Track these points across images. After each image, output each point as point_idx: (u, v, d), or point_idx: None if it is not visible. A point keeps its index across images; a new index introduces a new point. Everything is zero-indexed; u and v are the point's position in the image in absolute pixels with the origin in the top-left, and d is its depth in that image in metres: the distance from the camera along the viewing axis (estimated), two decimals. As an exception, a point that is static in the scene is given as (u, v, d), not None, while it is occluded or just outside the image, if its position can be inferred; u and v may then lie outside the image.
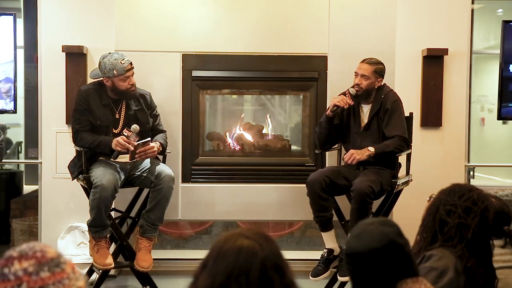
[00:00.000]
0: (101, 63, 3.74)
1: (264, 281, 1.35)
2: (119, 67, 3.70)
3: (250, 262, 1.36)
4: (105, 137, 3.72)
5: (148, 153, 3.71)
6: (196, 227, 5.07)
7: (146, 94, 3.93)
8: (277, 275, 1.37)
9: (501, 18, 5.97)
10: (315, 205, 3.71)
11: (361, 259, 1.70)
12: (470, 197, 2.13)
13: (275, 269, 1.37)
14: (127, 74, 3.73)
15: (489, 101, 6.72)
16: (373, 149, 3.70)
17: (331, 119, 3.85)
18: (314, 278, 3.75)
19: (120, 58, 3.73)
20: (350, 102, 3.77)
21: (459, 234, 2.09)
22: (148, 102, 3.92)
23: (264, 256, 1.37)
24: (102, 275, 3.80)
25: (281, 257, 1.41)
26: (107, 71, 3.71)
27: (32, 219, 4.89)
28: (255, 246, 1.38)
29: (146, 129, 3.86)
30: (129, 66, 3.74)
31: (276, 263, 1.38)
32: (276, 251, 1.41)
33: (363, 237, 1.71)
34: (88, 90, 3.80)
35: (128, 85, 3.74)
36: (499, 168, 6.45)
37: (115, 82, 3.73)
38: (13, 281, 1.21)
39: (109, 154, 3.72)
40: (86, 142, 3.71)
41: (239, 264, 1.35)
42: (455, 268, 2.02)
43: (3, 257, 1.26)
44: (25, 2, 5.80)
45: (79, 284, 1.26)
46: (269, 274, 1.35)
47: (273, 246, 1.41)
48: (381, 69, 3.84)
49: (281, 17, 4.29)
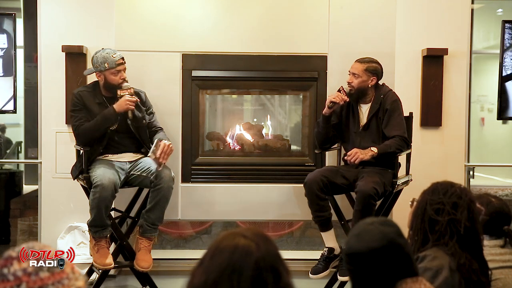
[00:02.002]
0: (93, 57, 3.80)
1: (257, 282, 1.34)
2: (111, 60, 3.74)
3: (244, 261, 1.35)
4: (104, 111, 3.72)
5: (167, 151, 3.72)
6: (196, 227, 5.07)
7: (141, 92, 3.96)
8: (272, 277, 1.35)
9: (501, 18, 5.97)
10: (313, 205, 3.72)
11: (360, 259, 1.70)
12: (453, 192, 2.14)
13: (270, 270, 1.36)
14: (118, 68, 3.76)
15: (489, 101, 6.72)
16: (376, 150, 3.70)
17: (328, 118, 3.86)
18: (314, 276, 3.75)
19: (112, 52, 3.79)
20: (346, 98, 3.81)
21: (450, 230, 2.09)
22: (143, 100, 3.94)
23: (259, 257, 1.36)
24: (102, 275, 3.81)
25: (278, 259, 1.40)
26: (99, 64, 3.75)
27: (32, 219, 4.89)
28: (251, 246, 1.37)
29: (142, 125, 3.88)
30: (120, 61, 3.78)
31: (272, 265, 1.37)
32: (274, 253, 1.40)
33: (363, 236, 1.71)
34: (81, 92, 3.85)
35: (119, 79, 3.77)
36: (499, 168, 6.44)
37: (107, 76, 3.77)
38: (12, 282, 1.21)
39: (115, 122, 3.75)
40: (89, 128, 3.71)
41: (233, 262, 1.35)
42: (449, 266, 2.03)
43: (3, 257, 1.26)
44: (25, 2, 5.79)
45: (78, 284, 1.26)
46: (263, 275, 1.34)
47: (270, 247, 1.40)
48: (374, 67, 3.84)
49: (281, 17, 4.29)
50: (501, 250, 2.46)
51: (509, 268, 2.41)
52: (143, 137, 3.89)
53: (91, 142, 3.76)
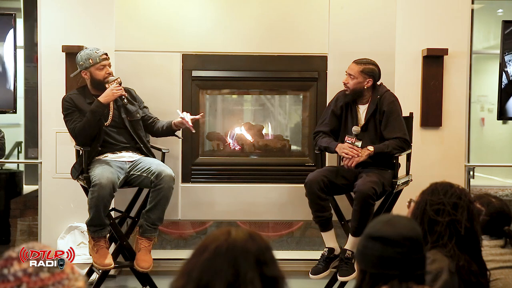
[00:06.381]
0: (77, 57, 3.85)
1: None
2: (94, 56, 3.78)
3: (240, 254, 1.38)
4: (90, 107, 3.74)
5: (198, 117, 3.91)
6: (196, 227, 5.07)
7: (130, 89, 3.99)
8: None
9: (501, 18, 5.97)
10: (314, 205, 3.72)
11: (387, 244, 1.67)
12: (453, 192, 2.13)
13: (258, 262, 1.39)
14: (103, 62, 3.79)
15: (489, 101, 6.72)
16: (372, 149, 3.71)
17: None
18: (314, 276, 3.75)
19: (95, 49, 3.83)
20: (358, 152, 3.71)
21: (449, 231, 2.09)
22: (134, 95, 3.98)
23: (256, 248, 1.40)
24: (102, 275, 3.80)
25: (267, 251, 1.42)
26: (83, 61, 3.79)
27: (32, 219, 4.89)
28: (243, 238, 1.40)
29: (136, 118, 3.91)
30: (104, 56, 3.81)
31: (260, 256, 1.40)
32: (265, 245, 1.42)
33: (394, 223, 1.70)
34: (71, 95, 3.89)
35: (105, 74, 3.80)
36: (499, 168, 6.45)
37: (92, 72, 3.80)
38: (12, 282, 1.21)
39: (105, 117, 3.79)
40: (82, 127, 3.72)
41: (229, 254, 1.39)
42: (448, 269, 2.02)
43: (3, 257, 1.26)
44: (25, 2, 5.79)
45: (78, 285, 1.26)
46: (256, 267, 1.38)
47: (261, 240, 1.42)
48: (371, 69, 3.83)
49: (281, 17, 4.29)
50: (501, 250, 2.46)
51: (509, 268, 2.42)
52: (139, 132, 3.90)
53: (89, 140, 3.77)
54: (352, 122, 3.87)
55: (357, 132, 3.78)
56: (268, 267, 1.38)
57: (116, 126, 3.87)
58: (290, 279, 1.44)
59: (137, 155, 3.89)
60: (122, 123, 3.88)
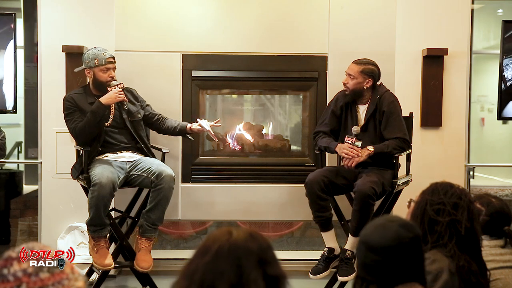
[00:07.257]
0: (85, 54, 3.84)
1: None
2: (101, 57, 3.78)
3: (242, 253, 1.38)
4: (91, 107, 3.73)
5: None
6: (196, 227, 5.06)
7: (132, 89, 4.00)
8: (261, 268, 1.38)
9: (501, 18, 5.98)
10: (314, 205, 3.72)
11: (369, 250, 1.70)
12: (454, 192, 2.13)
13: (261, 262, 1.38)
14: (107, 65, 3.79)
15: (489, 101, 6.72)
16: (372, 148, 3.71)
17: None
18: (314, 276, 3.75)
19: (103, 50, 3.82)
20: (358, 152, 3.71)
21: (449, 231, 2.08)
22: (135, 95, 3.98)
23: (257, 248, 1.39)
24: (102, 275, 3.80)
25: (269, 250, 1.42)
26: (89, 60, 3.79)
27: (32, 219, 4.89)
28: (244, 238, 1.40)
29: (137, 119, 3.90)
30: (110, 59, 3.81)
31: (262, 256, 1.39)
32: (266, 245, 1.41)
33: (379, 230, 1.72)
34: (72, 95, 3.88)
35: (108, 77, 3.79)
36: (499, 168, 6.45)
37: (96, 73, 3.79)
38: (12, 282, 1.21)
39: (106, 117, 3.79)
40: (83, 127, 3.71)
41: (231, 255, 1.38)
42: (448, 269, 2.02)
43: (2, 257, 1.26)
44: (25, 2, 5.79)
45: (78, 285, 1.26)
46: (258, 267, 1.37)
47: (261, 239, 1.42)
48: (370, 69, 3.83)
49: (281, 17, 4.29)
50: (501, 250, 2.46)
51: (509, 268, 2.42)
52: (140, 132, 3.90)
53: (90, 141, 3.76)
54: (352, 122, 3.87)
55: (357, 132, 3.77)
56: (271, 267, 1.38)
57: (117, 126, 3.87)
58: (290, 279, 1.44)
59: (137, 155, 3.89)
60: (123, 123, 3.88)
